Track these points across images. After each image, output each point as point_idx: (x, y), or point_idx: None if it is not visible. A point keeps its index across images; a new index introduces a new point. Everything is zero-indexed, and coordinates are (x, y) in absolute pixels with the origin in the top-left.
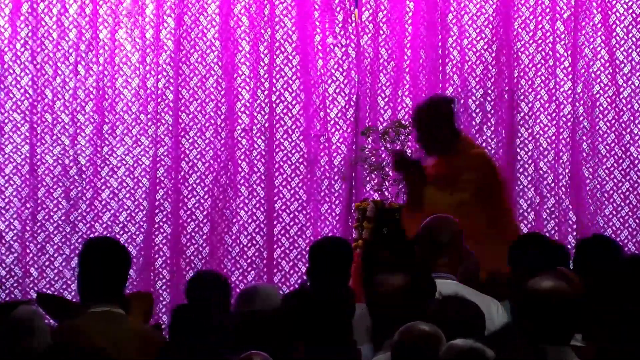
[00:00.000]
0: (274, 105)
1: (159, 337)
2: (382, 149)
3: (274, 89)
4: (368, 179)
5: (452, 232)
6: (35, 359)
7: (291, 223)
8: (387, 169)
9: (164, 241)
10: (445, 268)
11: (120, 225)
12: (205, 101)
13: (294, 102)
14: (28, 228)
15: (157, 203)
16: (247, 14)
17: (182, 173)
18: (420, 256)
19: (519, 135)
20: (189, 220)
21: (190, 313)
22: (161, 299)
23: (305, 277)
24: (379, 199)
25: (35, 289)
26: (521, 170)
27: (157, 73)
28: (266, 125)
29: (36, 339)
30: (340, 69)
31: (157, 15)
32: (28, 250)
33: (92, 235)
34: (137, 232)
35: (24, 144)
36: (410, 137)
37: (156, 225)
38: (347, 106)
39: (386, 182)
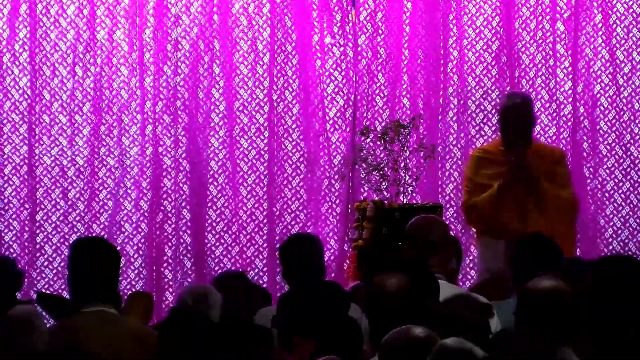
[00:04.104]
0: (275, 104)
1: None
2: (381, 149)
3: (275, 88)
4: (367, 178)
5: (443, 231)
6: (34, 358)
7: (292, 222)
8: (385, 169)
9: (164, 241)
10: (436, 268)
11: (117, 225)
12: (202, 99)
13: (294, 102)
14: (27, 229)
15: (157, 203)
16: (245, 13)
17: (184, 172)
18: (411, 256)
19: None
20: (187, 220)
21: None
22: (163, 298)
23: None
24: (378, 199)
25: (34, 289)
26: None
27: (155, 73)
28: (265, 124)
29: (35, 338)
30: (339, 69)
31: (154, 16)
32: (27, 251)
33: (90, 235)
34: (134, 232)
35: (22, 145)
36: (409, 137)
37: (157, 225)
38: (345, 106)
39: (385, 182)
